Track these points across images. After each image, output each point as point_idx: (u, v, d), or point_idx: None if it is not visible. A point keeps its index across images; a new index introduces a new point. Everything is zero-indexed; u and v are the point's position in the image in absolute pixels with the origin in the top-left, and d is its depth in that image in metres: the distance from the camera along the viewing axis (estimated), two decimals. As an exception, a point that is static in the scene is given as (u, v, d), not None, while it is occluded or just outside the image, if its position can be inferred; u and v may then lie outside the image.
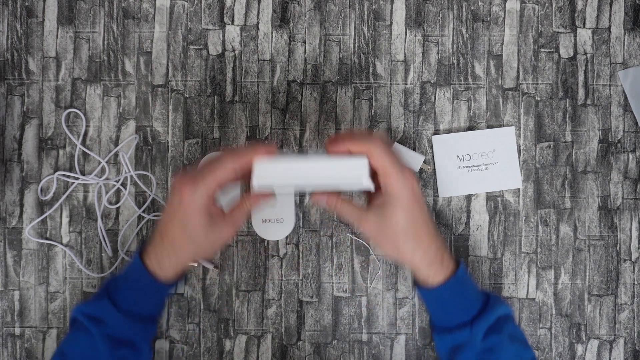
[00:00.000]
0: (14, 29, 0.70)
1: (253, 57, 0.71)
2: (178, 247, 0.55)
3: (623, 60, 0.71)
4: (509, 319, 0.59)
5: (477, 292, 0.60)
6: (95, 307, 0.58)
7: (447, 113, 0.71)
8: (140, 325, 0.59)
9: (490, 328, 0.57)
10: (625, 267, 0.70)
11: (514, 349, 0.58)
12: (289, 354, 0.69)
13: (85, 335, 0.58)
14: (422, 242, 0.55)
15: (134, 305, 0.58)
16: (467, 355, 0.57)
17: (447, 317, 0.58)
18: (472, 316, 0.57)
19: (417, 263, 0.56)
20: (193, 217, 0.53)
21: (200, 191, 0.52)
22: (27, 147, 0.70)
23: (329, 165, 0.52)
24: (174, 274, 0.58)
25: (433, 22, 0.71)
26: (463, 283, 0.58)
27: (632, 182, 0.70)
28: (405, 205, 0.53)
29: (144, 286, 0.58)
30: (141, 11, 0.71)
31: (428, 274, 0.56)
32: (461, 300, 0.58)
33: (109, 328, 0.57)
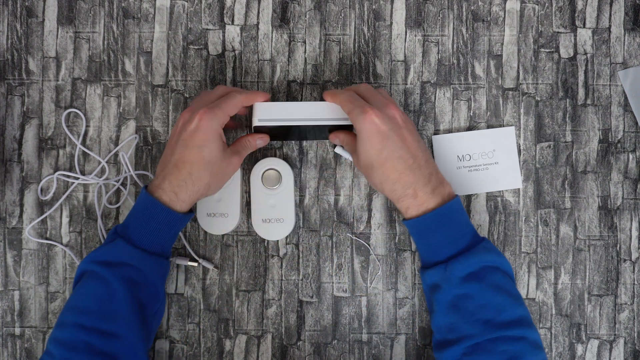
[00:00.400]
0: (14, 29, 0.70)
1: (253, 57, 0.71)
2: (196, 173, 0.58)
3: (623, 60, 0.71)
4: (498, 271, 0.58)
5: (464, 234, 0.58)
6: (109, 250, 0.58)
7: (447, 113, 0.71)
8: (157, 261, 0.59)
9: (471, 274, 0.56)
10: (625, 267, 0.70)
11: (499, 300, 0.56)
12: (289, 354, 0.69)
13: (100, 282, 0.57)
14: (390, 175, 0.58)
15: (150, 242, 0.59)
16: (444, 296, 0.57)
17: (423, 253, 0.60)
18: (447, 256, 0.57)
19: (388, 195, 0.59)
20: (210, 142, 0.58)
21: (217, 118, 0.58)
22: (27, 147, 0.70)
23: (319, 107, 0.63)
24: (190, 204, 0.60)
25: (433, 22, 0.71)
26: (444, 221, 0.57)
27: (632, 182, 0.70)
28: (366, 140, 0.57)
29: (160, 220, 0.59)
30: (141, 11, 0.71)
31: (401, 207, 0.59)
32: (437, 239, 0.58)
33: (126, 269, 0.57)
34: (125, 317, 0.57)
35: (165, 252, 0.61)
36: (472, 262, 0.57)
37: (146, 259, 0.58)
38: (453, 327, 0.57)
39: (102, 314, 0.56)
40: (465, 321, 0.56)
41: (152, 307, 0.60)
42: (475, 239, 0.59)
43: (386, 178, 0.58)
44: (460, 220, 0.59)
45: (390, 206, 0.70)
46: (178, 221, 0.60)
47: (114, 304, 0.56)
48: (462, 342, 0.56)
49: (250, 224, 0.69)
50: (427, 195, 0.58)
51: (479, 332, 0.55)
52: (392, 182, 0.58)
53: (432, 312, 0.60)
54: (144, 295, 0.58)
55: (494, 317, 0.56)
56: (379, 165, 0.58)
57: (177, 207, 0.59)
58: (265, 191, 0.67)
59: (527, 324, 0.57)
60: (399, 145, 0.57)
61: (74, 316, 0.57)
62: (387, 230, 0.70)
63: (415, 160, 0.58)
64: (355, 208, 0.70)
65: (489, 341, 0.55)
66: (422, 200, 0.58)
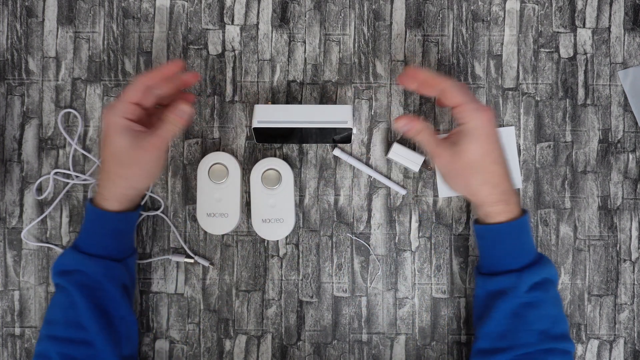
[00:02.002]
0: (14, 29, 0.70)
1: (253, 57, 0.71)
2: (110, 171, 0.58)
3: (623, 60, 0.71)
4: (554, 284, 0.59)
5: (532, 246, 0.60)
6: (62, 259, 0.60)
7: (447, 113, 0.71)
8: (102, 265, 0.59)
9: (537, 284, 0.57)
10: (625, 267, 0.70)
11: (555, 312, 0.57)
12: (289, 354, 0.69)
13: (61, 292, 0.59)
14: (491, 179, 0.56)
15: (89, 244, 0.60)
16: (507, 303, 0.57)
17: (497, 259, 0.59)
18: (522, 265, 0.57)
19: (482, 198, 0.57)
20: (116, 135, 0.56)
21: (116, 110, 0.56)
22: (27, 147, 0.70)
23: (318, 108, 0.63)
24: (118, 203, 0.59)
25: (433, 22, 0.71)
26: (522, 231, 0.58)
27: (632, 182, 0.70)
28: (478, 138, 0.55)
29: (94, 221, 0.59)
30: (141, 11, 0.71)
31: (490, 212, 0.58)
32: (516, 247, 0.58)
33: (78, 275, 0.58)
34: (89, 323, 0.57)
35: (111, 254, 0.60)
36: (539, 273, 0.57)
37: (90, 263, 0.59)
38: (507, 334, 0.57)
39: (68, 322, 0.57)
40: (522, 329, 0.57)
41: (116, 311, 0.60)
42: (537, 251, 0.61)
43: (487, 181, 0.57)
44: (530, 233, 0.60)
45: (390, 206, 0.70)
46: (107, 219, 0.60)
47: (77, 312, 0.57)
48: (513, 350, 0.56)
49: (250, 224, 0.69)
50: (515, 205, 0.58)
51: (533, 342, 0.56)
52: (493, 186, 0.57)
53: (484, 318, 0.60)
54: (102, 300, 0.59)
55: (550, 329, 0.57)
56: (483, 167, 0.56)
57: (103, 204, 0.59)
58: (265, 191, 0.67)
59: (570, 338, 0.59)
60: (502, 151, 0.57)
61: (46, 329, 0.58)
62: (387, 230, 0.70)
63: (508, 167, 0.58)
64: (355, 208, 0.70)
65: (541, 352, 0.56)
66: (512, 208, 0.58)
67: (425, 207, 0.70)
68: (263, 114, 0.63)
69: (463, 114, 0.56)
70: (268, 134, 0.65)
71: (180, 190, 0.70)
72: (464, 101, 0.55)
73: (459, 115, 0.56)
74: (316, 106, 0.64)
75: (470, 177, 0.57)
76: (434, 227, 0.70)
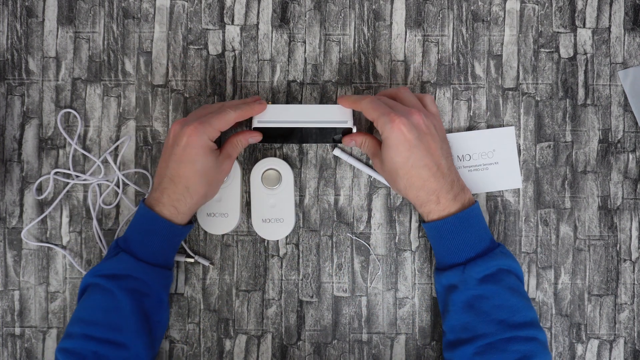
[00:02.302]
0: (14, 29, 0.70)
1: (253, 57, 0.71)
2: (192, 186, 0.60)
3: (623, 60, 0.71)
4: (512, 274, 0.60)
5: (481, 238, 0.60)
6: (113, 264, 0.60)
7: (447, 113, 0.71)
8: (160, 273, 0.61)
9: (488, 276, 0.58)
10: (625, 267, 0.70)
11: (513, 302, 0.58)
12: (289, 354, 0.69)
13: (105, 294, 0.58)
14: (413, 184, 0.59)
15: (153, 255, 0.60)
16: (460, 297, 0.59)
17: (442, 255, 0.61)
18: (466, 259, 0.59)
19: (412, 200, 0.61)
20: (202, 156, 0.59)
21: (206, 133, 0.59)
22: (27, 147, 0.70)
23: (318, 108, 0.64)
24: (190, 215, 0.62)
25: (433, 22, 0.71)
26: (464, 225, 0.59)
27: (632, 182, 0.70)
28: (393, 148, 0.58)
29: (162, 234, 0.60)
30: (141, 11, 0.71)
31: (423, 211, 0.61)
32: (456, 242, 0.59)
33: (130, 281, 0.59)
34: (132, 327, 0.58)
35: (168, 263, 0.63)
36: (489, 265, 0.58)
37: (150, 272, 0.60)
38: (467, 326, 0.58)
39: (109, 324, 0.58)
40: (480, 320, 0.58)
41: (156, 316, 0.61)
42: (492, 244, 0.61)
43: (411, 185, 0.59)
44: (479, 225, 0.61)
45: (390, 206, 0.70)
46: (179, 233, 0.62)
47: (120, 315, 0.58)
48: (475, 341, 0.57)
49: (250, 224, 0.69)
50: (449, 201, 0.60)
51: (493, 332, 0.57)
52: (417, 189, 0.59)
53: (445, 313, 0.61)
54: (149, 306, 0.60)
55: (508, 318, 0.57)
56: (404, 173, 0.59)
57: (177, 220, 0.61)
58: (265, 191, 0.67)
59: (537, 325, 0.59)
60: (424, 153, 0.59)
61: (82, 327, 0.58)
62: (387, 230, 0.70)
63: (439, 168, 0.59)
64: (355, 208, 0.70)
65: (502, 340, 0.57)
66: (444, 206, 0.60)
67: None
68: (263, 114, 0.64)
69: (378, 128, 0.59)
70: (268, 134, 0.65)
71: (181, 190, 0.70)
72: (375, 116, 0.59)
73: (376, 128, 0.60)
74: (316, 106, 0.65)
75: (396, 182, 0.61)
76: (434, 227, 0.70)
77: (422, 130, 0.59)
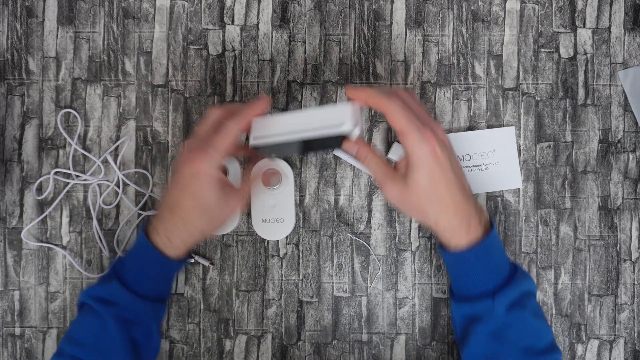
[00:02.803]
0: (14, 29, 0.70)
1: (253, 57, 0.71)
2: (190, 221, 0.55)
3: (623, 60, 0.71)
4: (532, 296, 0.57)
5: (504, 262, 0.56)
6: (104, 289, 0.58)
7: (447, 113, 0.71)
8: (150, 305, 0.58)
9: (514, 302, 0.54)
10: (625, 267, 0.70)
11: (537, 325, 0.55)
12: (289, 354, 0.69)
13: (95, 318, 0.57)
14: (447, 208, 0.53)
15: (143, 285, 0.57)
16: (486, 328, 0.55)
17: (467, 285, 0.56)
18: (494, 287, 0.54)
19: (442, 226, 0.54)
20: (207, 189, 0.53)
21: (212, 161, 0.53)
22: (27, 147, 0.70)
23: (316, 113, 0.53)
24: (184, 250, 0.57)
25: (433, 22, 0.71)
26: (489, 251, 0.54)
27: (632, 182, 0.70)
28: (426, 169, 0.51)
29: (153, 265, 0.57)
30: (141, 11, 0.71)
31: (452, 238, 0.54)
32: (485, 269, 0.54)
33: (119, 309, 0.57)
34: (120, 353, 0.57)
35: (160, 295, 0.60)
36: (515, 292, 0.55)
37: (139, 303, 0.57)
38: (491, 356, 0.55)
39: (96, 348, 0.57)
40: (505, 349, 0.54)
41: (145, 345, 0.59)
42: (512, 266, 0.57)
43: (444, 210, 0.53)
44: (500, 247, 0.57)
45: (390, 206, 0.70)
46: (171, 267, 0.58)
47: (108, 341, 0.56)
48: None
49: (251, 224, 0.69)
50: (477, 225, 0.54)
51: None
52: (451, 215, 0.53)
53: (464, 340, 0.57)
54: (137, 335, 0.58)
55: (533, 344, 0.54)
56: (437, 196, 0.52)
57: (170, 252, 0.57)
58: (266, 191, 0.67)
59: (557, 347, 0.56)
60: (455, 174, 0.53)
61: (71, 348, 0.57)
62: (387, 230, 0.70)
63: (464, 186, 0.54)
64: (355, 208, 0.70)
65: None
66: (474, 230, 0.54)
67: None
68: (259, 128, 0.56)
69: (407, 144, 0.51)
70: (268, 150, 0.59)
71: (181, 190, 0.70)
72: (407, 129, 0.50)
73: (403, 143, 0.52)
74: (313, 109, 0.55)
75: (427, 208, 0.53)
76: (434, 227, 0.70)
77: (448, 148, 0.53)
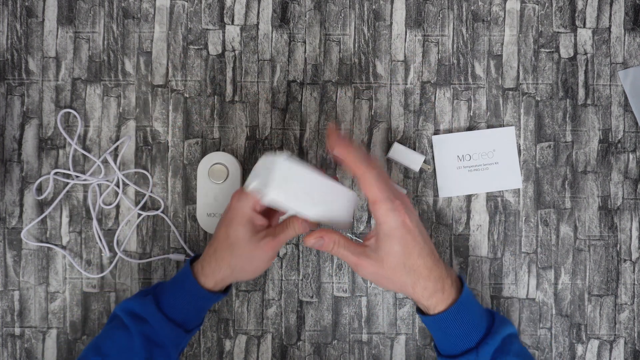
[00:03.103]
0: (14, 29, 0.70)
1: (253, 57, 0.71)
2: (220, 254, 0.57)
3: (623, 60, 0.71)
4: (513, 338, 0.58)
5: (481, 315, 0.58)
6: (138, 303, 0.59)
7: (447, 113, 0.71)
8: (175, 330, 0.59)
9: (496, 350, 0.55)
10: (626, 267, 0.70)
11: None
12: (289, 354, 0.69)
13: (124, 332, 0.58)
14: (421, 274, 0.54)
15: (173, 308, 0.59)
16: None
17: (451, 344, 0.57)
18: (476, 341, 0.56)
19: (418, 296, 0.56)
20: (237, 223, 0.55)
21: (247, 200, 0.55)
22: (26, 147, 0.70)
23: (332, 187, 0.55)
24: (214, 284, 0.58)
25: (433, 22, 0.71)
26: (466, 308, 0.56)
27: (632, 182, 0.70)
28: (398, 239, 0.53)
29: (185, 289, 0.58)
30: (141, 11, 0.71)
31: (429, 305, 0.56)
32: (465, 327, 0.56)
33: (147, 328, 0.58)
34: None
35: (186, 323, 0.60)
36: (496, 340, 0.55)
37: (164, 324, 0.58)
38: None
39: None
40: None
41: None
42: (488, 315, 0.59)
43: (418, 277, 0.54)
44: (475, 301, 0.58)
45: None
46: (201, 296, 0.58)
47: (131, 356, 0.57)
48: None
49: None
50: (450, 286, 0.56)
51: None
52: (425, 280, 0.54)
53: None
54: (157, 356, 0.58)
55: None
56: (410, 265, 0.54)
57: (201, 280, 0.58)
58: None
59: None
60: (424, 240, 0.55)
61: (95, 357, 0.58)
62: (387, 230, 0.70)
63: (433, 252, 0.55)
64: (355, 208, 0.70)
65: None
66: (448, 292, 0.56)
67: (425, 207, 0.70)
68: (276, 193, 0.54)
69: (378, 213, 0.53)
70: None
71: (180, 190, 0.70)
72: (379, 198, 0.52)
73: (373, 212, 0.53)
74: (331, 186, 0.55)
75: (403, 278, 0.55)
76: (434, 227, 0.70)
77: (416, 217, 0.55)
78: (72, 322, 0.69)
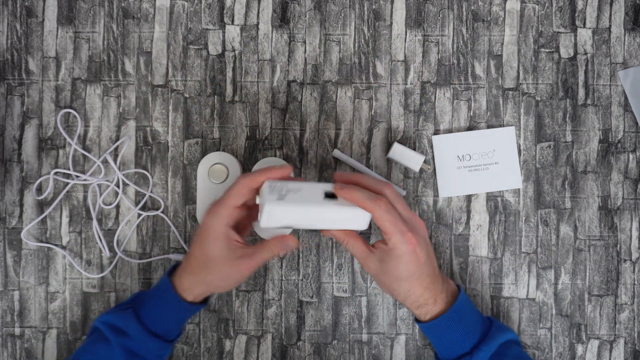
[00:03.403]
0: (14, 29, 0.70)
1: (253, 57, 0.71)
2: (196, 267, 0.58)
3: (623, 60, 0.71)
4: (513, 344, 0.60)
5: (477, 321, 0.60)
6: (120, 317, 0.60)
7: (447, 113, 0.71)
8: (156, 342, 0.59)
9: (493, 355, 0.58)
10: (626, 267, 0.70)
11: None
12: (289, 354, 0.69)
13: (104, 345, 0.59)
14: (415, 291, 0.58)
15: (155, 322, 0.59)
16: None
17: (446, 349, 0.60)
18: (472, 346, 0.59)
19: (408, 305, 0.60)
20: (211, 244, 0.56)
21: (218, 214, 0.55)
22: (26, 147, 0.70)
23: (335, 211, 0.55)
24: (193, 297, 0.59)
25: (433, 22, 0.71)
26: (460, 315, 0.59)
27: (632, 182, 0.70)
28: (404, 262, 0.56)
29: (167, 302, 0.59)
30: (141, 11, 0.71)
31: (419, 314, 0.60)
32: (459, 332, 0.59)
33: (128, 340, 0.58)
34: None
35: (166, 335, 0.60)
36: (492, 345, 0.58)
37: (145, 337, 0.59)
38: None
39: None
40: None
41: None
42: (485, 322, 0.61)
43: (412, 292, 0.58)
44: (472, 309, 0.61)
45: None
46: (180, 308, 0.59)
47: None
48: None
49: (250, 224, 0.69)
50: (443, 299, 0.59)
51: None
52: (418, 295, 0.58)
53: None
54: None
55: None
56: (408, 283, 0.58)
57: (181, 293, 0.59)
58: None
59: None
60: (429, 264, 0.58)
61: None
62: (387, 230, 0.70)
63: (434, 272, 0.59)
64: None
65: None
66: (440, 302, 0.59)
67: (426, 207, 0.70)
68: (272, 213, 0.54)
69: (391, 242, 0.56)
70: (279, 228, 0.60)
71: (180, 190, 0.70)
72: (390, 232, 0.55)
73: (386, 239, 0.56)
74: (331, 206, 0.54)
75: (396, 290, 0.58)
76: (434, 227, 0.70)
77: (428, 244, 0.58)
78: (72, 322, 0.69)
